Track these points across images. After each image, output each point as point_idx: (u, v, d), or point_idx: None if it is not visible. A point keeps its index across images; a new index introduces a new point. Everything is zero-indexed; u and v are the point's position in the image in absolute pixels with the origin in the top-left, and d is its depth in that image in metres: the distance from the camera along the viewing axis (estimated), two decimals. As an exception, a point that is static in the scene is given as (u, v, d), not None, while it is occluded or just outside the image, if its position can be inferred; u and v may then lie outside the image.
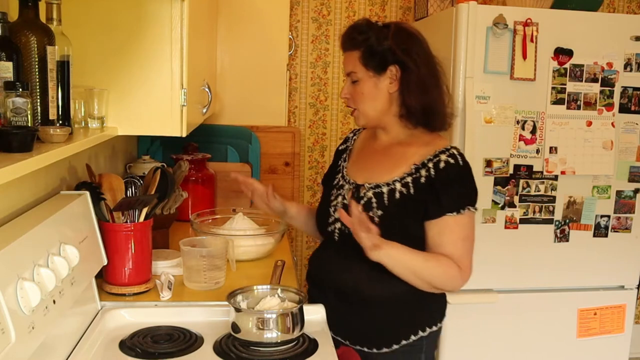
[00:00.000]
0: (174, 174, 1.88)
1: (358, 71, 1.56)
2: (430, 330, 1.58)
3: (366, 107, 1.57)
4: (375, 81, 1.55)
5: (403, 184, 1.53)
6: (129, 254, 1.53)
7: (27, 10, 1.13)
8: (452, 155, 1.52)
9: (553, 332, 2.52)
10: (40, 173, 1.39)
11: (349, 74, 1.58)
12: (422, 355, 1.59)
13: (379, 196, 1.54)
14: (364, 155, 1.69)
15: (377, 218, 1.52)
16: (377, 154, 1.64)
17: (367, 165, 1.65)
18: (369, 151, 1.68)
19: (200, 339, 1.35)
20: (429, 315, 1.60)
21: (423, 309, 1.59)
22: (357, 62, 1.55)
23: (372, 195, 1.55)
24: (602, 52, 2.39)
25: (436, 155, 1.52)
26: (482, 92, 2.31)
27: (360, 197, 1.57)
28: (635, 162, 2.49)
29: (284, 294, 1.42)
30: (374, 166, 1.62)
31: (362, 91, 1.56)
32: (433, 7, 2.81)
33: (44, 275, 1.05)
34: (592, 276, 2.53)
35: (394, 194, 1.53)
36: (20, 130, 0.99)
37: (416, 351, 1.58)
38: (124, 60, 1.43)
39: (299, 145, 2.84)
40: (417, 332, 1.56)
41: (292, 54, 3.03)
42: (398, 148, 1.60)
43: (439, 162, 1.51)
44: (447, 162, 1.51)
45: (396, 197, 1.52)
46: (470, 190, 1.54)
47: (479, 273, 2.43)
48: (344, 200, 1.60)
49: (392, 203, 1.52)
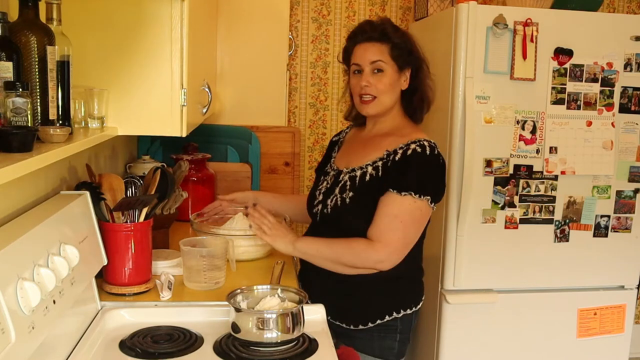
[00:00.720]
0: (174, 174, 1.88)
1: (386, 62, 1.67)
2: (404, 312, 1.70)
3: (386, 97, 1.69)
4: (397, 76, 1.69)
5: (374, 167, 1.66)
6: (129, 254, 1.53)
7: (27, 10, 1.13)
8: (421, 146, 1.63)
9: (553, 332, 2.52)
10: (40, 173, 1.39)
11: (374, 62, 1.66)
12: (396, 335, 1.70)
13: (353, 179, 1.69)
14: (350, 145, 1.85)
15: (348, 199, 1.66)
16: (359, 143, 1.79)
17: (349, 154, 1.80)
18: (354, 142, 1.83)
19: (200, 339, 1.35)
20: (402, 298, 1.71)
21: (394, 293, 1.70)
22: (386, 54, 1.67)
23: (348, 178, 1.70)
24: (602, 52, 2.39)
25: (408, 144, 1.64)
26: (482, 92, 2.31)
27: (339, 181, 1.72)
28: (635, 162, 2.49)
29: (284, 294, 1.43)
30: (354, 154, 1.77)
31: (387, 81, 1.67)
32: (433, 7, 2.80)
33: (44, 275, 1.05)
34: (592, 276, 2.52)
35: (364, 177, 1.67)
36: (20, 130, 0.99)
37: (391, 331, 1.70)
38: (124, 60, 1.43)
39: (299, 145, 2.84)
40: (392, 314, 1.68)
41: (292, 54, 3.03)
42: (378, 138, 1.73)
43: (407, 149, 1.63)
44: (414, 150, 1.62)
45: (366, 180, 1.66)
46: (425, 180, 1.61)
47: (479, 273, 2.45)
48: (327, 185, 1.76)
49: (361, 184, 1.66)
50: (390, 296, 1.70)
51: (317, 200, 1.77)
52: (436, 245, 2.45)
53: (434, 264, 2.46)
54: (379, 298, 1.69)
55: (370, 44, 1.67)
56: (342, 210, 1.67)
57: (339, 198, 1.68)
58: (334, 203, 1.69)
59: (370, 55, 1.67)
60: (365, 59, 1.67)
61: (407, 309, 1.71)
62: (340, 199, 1.68)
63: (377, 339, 1.70)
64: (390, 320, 1.69)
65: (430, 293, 2.50)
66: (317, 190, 1.79)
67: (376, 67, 1.66)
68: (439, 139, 2.40)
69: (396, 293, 1.71)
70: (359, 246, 1.61)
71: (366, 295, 1.69)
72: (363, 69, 1.68)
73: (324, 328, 1.44)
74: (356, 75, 1.71)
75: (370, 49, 1.67)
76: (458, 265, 2.39)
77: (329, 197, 1.72)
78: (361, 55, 1.68)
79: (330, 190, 1.73)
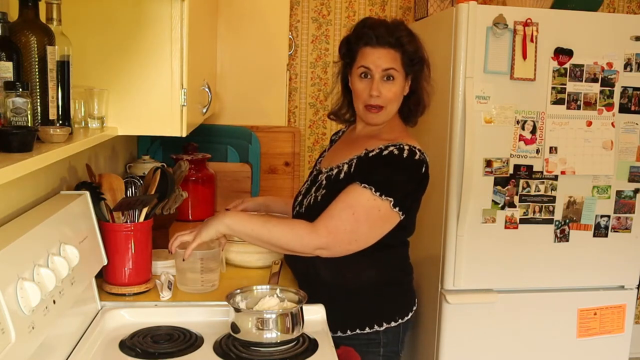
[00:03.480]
0: (174, 174, 1.88)
1: (398, 70, 1.58)
2: (387, 325, 1.59)
3: (394, 106, 1.62)
4: (404, 83, 1.62)
5: (349, 165, 1.60)
6: (129, 254, 1.53)
7: (27, 10, 1.13)
8: (400, 148, 1.55)
9: (553, 332, 2.52)
10: (40, 173, 1.39)
11: (387, 70, 1.57)
12: (380, 349, 1.60)
13: (329, 178, 1.64)
14: (337, 145, 1.81)
15: (320, 197, 1.61)
16: (345, 143, 1.75)
17: (335, 154, 1.75)
18: (342, 142, 1.79)
19: (200, 339, 1.35)
20: (385, 310, 1.61)
21: (377, 303, 1.60)
22: (398, 61, 1.58)
23: (324, 178, 1.66)
24: (602, 52, 2.39)
25: (387, 146, 1.56)
26: (482, 92, 2.31)
27: (317, 181, 1.68)
28: (635, 162, 2.49)
29: (283, 294, 1.42)
30: (337, 154, 1.73)
31: (397, 91, 1.60)
32: (433, 7, 2.80)
33: (44, 275, 1.05)
34: (592, 276, 2.52)
35: (339, 175, 1.61)
36: (20, 130, 0.99)
37: (373, 345, 1.59)
38: (124, 60, 1.43)
39: (299, 145, 2.84)
40: (373, 326, 1.58)
41: (292, 54, 3.03)
42: (364, 139, 1.66)
43: (385, 150, 1.55)
44: (391, 151, 1.55)
45: (340, 177, 1.60)
46: (392, 181, 1.51)
47: (479, 273, 2.45)
48: (307, 185, 1.73)
49: (334, 182, 1.60)
50: (372, 303, 1.60)
51: (297, 200, 1.73)
52: (436, 245, 2.45)
53: (433, 264, 2.46)
54: (359, 305, 1.58)
55: (385, 50, 1.56)
56: (314, 208, 1.59)
57: (313, 197, 1.64)
58: (308, 202, 1.65)
59: (384, 62, 1.56)
60: (377, 65, 1.56)
61: (392, 321, 1.60)
62: (313, 197, 1.63)
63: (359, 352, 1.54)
64: (371, 332, 1.58)
65: (430, 293, 2.50)
66: (299, 191, 1.77)
67: (387, 75, 1.57)
68: (439, 139, 2.41)
69: (378, 301, 1.60)
70: (302, 229, 1.49)
71: (344, 300, 1.58)
72: (373, 75, 1.58)
73: (324, 328, 1.44)
74: (363, 80, 1.60)
75: (385, 55, 1.56)
76: (458, 265, 2.39)
77: (306, 197, 1.68)
78: (373, 61, 1.57)
79: (308, 190, 1.70)
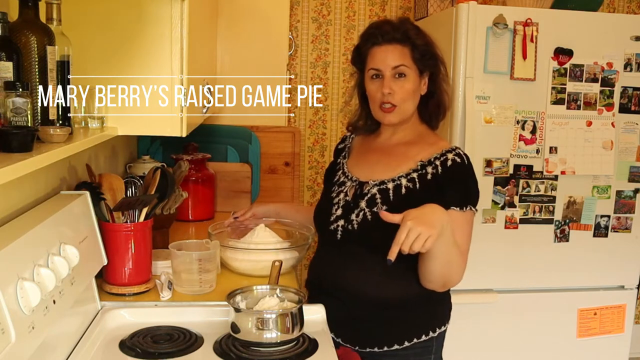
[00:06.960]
0: (174, 174, 1.88)
1: (409, 66, 1.54)
2: (439, 330, 1.59)
3: (408, 104, 1.57)
4: (418, 80, 1.57)
5: (409, 179, 1.54)
6: (129, 254, 1.53)
7: (27, 10, 1.13)
8: (459, 155, 1.54)
9: (553, 332, 2.52)
10: (40, 173, 1.39)
11: (397, 67, 1.53)
12: (431, 356, 1.59)
13: (384, 192, 1.54)
14: (364, 153, 1.69)
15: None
16: (379, 152, 1.65)
17: (369, 163, 1.65)
18: (370, 149, 1.68)
19: (200, 339, 1.35)
20: (438, 316, 1.60)
21: (431, 311, 1.59)
22: (408, 57, 1.54)
23: (377, 191, 1.55)
24: (602, 52, 2.39)
25: (443, 154, 1.54)
26: (482, 92, 2.31)
27: (364, 193, 1.56)
28: (635, 162, 2.49)
29: (283, 294, 1.42)
30: (377, 164, 1.62)
31: (410, 88, 1.55)
32: (433, 7, 2.80)
33: (44, 275, 1.05)
34: (592, 276, 2.53)
35: (399, 190, 1.53)
36: (20, 130, 0.99)
37: (426, 352, 1.58)
38: (124, 60, 1.42)
39: (299, 145, 2.84)
40: (428, 333, 1.56)
41: (292, 54, 3.03)
42: (402, 147, 1.61)
43: (446, 160, 1.53)
44: (454, 160, 1.53)
45: (402, 193, 1.53)
46: (473, 192, 1.55)
47: (479, 273, 2.45)
48: (346, 197, 1.60)
49: (397, 198, 1.53)
50: (428, 312, 1.58)
51: (334, 215, 1.59)
52: (436, 245, 2.45)
53: (434, 264, 2.46)
54: (415, 317, 1.56)
55: (392, 47, 1.53)
56: (373, 226, 1.50)
57: (368, 212, 1.52)
58: (362, 218, 1.53)
59: (392, 59, 1.52)
60: (386, 63, 1.52)
61: (442, 325, 1.60)
62: (370, 213, 1.52)
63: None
64: (427, 340, 1.56)
65: (430, 293, 2.50)
66: (332, 203, 1.61)
67: (398, 72, 1.53)
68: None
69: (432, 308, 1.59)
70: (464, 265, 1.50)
71: (400, 315, 1.54)
72: (384, 74, 1.53)
73: (324, 328, 1.44)
74: (375, 81, 1.56)
75: (392, 52, 1.52)
76: (458, 265, 2.39)
77: (353, 211, 1.55)
78: (382, 60, 1.53)
79: (354, 203, 1.57)
